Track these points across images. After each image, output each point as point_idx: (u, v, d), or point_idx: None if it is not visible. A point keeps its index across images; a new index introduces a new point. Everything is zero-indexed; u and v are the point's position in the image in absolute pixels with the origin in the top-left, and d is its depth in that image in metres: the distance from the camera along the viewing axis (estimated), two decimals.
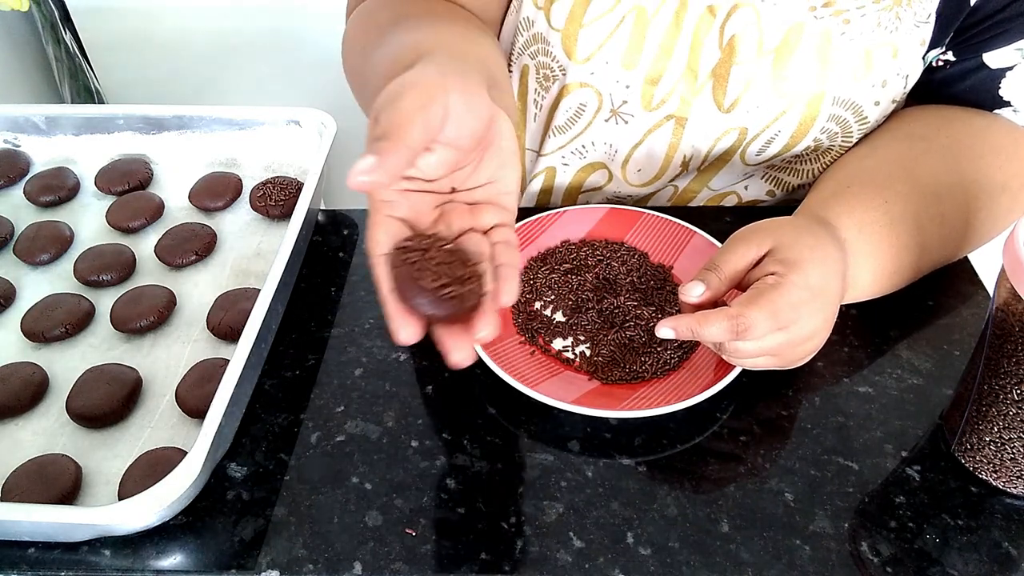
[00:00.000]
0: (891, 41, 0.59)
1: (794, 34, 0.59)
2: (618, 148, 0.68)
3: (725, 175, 0.69)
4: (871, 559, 0.46)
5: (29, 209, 0.70)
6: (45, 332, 0.58)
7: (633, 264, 0.63)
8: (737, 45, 0.60)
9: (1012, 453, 0.47)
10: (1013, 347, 0.44)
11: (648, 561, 0.46)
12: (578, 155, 0.71)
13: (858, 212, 0.54)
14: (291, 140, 0.73)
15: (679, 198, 0.73)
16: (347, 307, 0.62)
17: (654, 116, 0.65)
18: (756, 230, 0.51)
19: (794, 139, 0.63)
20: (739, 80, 0.61)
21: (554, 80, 0.67)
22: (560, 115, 0.68)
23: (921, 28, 0.58)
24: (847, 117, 0.62)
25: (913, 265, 0.57)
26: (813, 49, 0.59)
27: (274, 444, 0.52)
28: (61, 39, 1.32)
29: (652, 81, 0.63)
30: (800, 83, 0.60)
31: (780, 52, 0.59)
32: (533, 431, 0.53)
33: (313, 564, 0.46)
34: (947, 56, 0.61)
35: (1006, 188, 0.59)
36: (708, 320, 0.47)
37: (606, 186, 0.73)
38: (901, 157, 0.58)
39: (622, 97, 0.64)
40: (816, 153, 0.66)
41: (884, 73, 0.60)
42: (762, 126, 0.63)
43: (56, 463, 0.49)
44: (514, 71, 0.70)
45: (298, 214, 0.61)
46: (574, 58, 0.64)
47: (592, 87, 0.65)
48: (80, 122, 0.74)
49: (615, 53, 0.62)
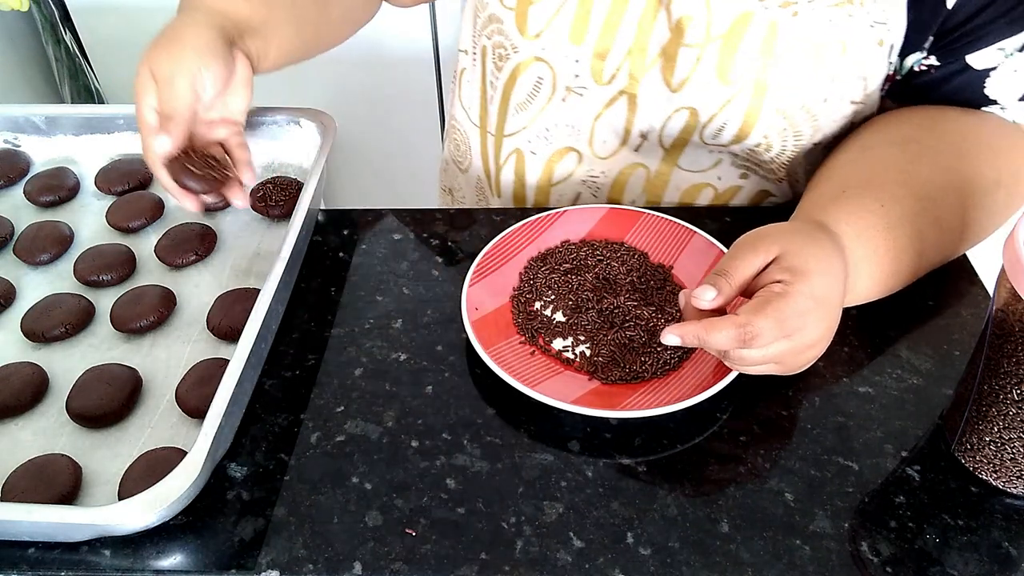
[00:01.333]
0: (840, 38, 0.59)
1: (741, 23, 0.60)
2: (580, 127, 0.70)
3: (690, 154, 0.70)
4: (871, 559, 0.46)
5: (29, 209, 0.70)
6: (45, 332, 0.58)
7: (633, 264, 0.63)
8: (685, 27, 0.62)
9: (1012, 453, 0.47)
10: (1013, 347, 0.44)
11: (648, 561, 0.46)
12: (543, 140, 0.72)
13: (856, 217, 0.54)
14: (291, 140, 0.73)
15: (652, 183, 0.73)
16: (347, 307, 0.62)
17: (608, 90, 0.67)
18: (762, 236, 0.51)
19: (744, 129, 0.64)
20: (687, 61, 0.63)
21: (507, 59, 0.69)
22: (519, 91, 0.71)
23: (877, 28, 0.59)
24: (794, 111, 0.63)
25: (910, 268, 0.57)
26: (759, 39, 0.60)
27: (274, 444, 0.52)
28: (61, 39, 1.32)
29: (600, 56, 0.65)
30: (746, 71, 0.62)
31: (727, 39, 0.61)
32: (533, 431, 0.53)
33: (313, 564, 0.46)
34: (930, 60, 0.61)
35: (1000, 184, 0.59)
36: (715, 327, 0.47)
37: (577, 169, 0.74)
38: (894, 159, 0.58)
39: (573, 71, 0.67)
40: (771, 154, 0.67)
41: (832, 69, 0.61)
42: (711, 110, 0.64)
43: (56, 463, 0.49)
44: (477, 53, 0.73)
45: (298, 214, 0.61)
46: (526, 34, 0.67)
47: (545, 61, 0.67)
48: (80, 122, 0.74)
49: (563, 28, 0.65)
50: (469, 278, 0.59)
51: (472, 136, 0.79)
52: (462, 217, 0.70)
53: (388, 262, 0.66)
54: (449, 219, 0.70)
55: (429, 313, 0.61)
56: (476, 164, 0.80)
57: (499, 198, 0.80)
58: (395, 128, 1.54)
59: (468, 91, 0.77)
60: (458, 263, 0.65)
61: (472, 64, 0.75)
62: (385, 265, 0.65)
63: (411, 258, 0.66)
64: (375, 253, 0.67)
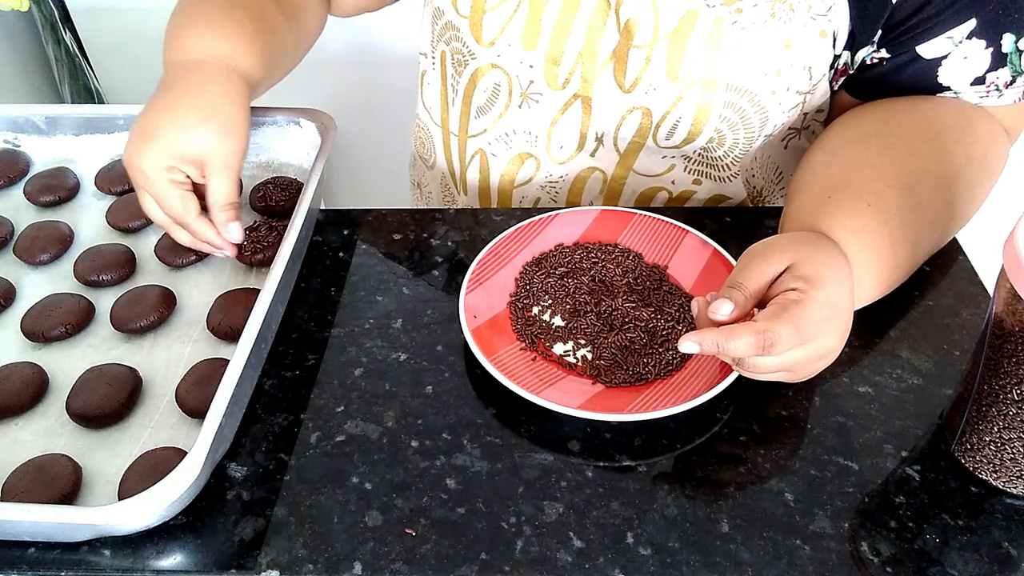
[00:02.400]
0: (784, 32, 0.61)
1: (687, 22, 0.62)
2: (537, 133, 0.72)
3: (645, 159, 0.71)
4: (871, 559, 0.46)
5: (29, 209, 0.70)
6: (45, 332, 0.58)
7: (628, 265, 0.63)
8: (634, 29, 0.63)
9: (1012, 453, 0.47)
10: (1013, 347, 0.44)
11: (648, 561, 0.46)
12: (503, 143, 0.74)
13: (847, 220, 0.54)
14: (291, 140, 0.73)
15: (610, 187, 0.75)
16: (347, 307, 0.62)
17: (562, 95, 0.68)
18: (773, 246, 0.51)
19: (696, 126, 0.65)
20: (637, 62, 0.64)
21: (465, 64, 0.70)
22: (479, 95, 0.72)
23: (819, 21, 0.60)
24: (743, 105, 0.64)
25: (908, 260, 0.57)
26: (705, 36, 0.62)
27: (274, 444, 0.52)
28: (61, 39, 1.32)
29: (553, 61, 0.66)
30: (694, 68, 0.63)
31: (674, 38, 0.62)
32: (533, 431, 0.53)
33: (313, 564, 0.46)
34: (881, 53, 0.62)
35: (970, 159, 0.60)
36: (734, 335, 0.47)
37: (536, 175, 0.75)
38: (864, 156, 0.59)
39: (528, 77, 0.68)
40: (724, 149, 0.68)
41: (777, 63, 0.62)
42: (664, 109, 0.65)
43: (56, 463, 0.49)
44: (436, 58, 0.75)
45: (298, 214, 0.61)
46: (481, 42, 0.68)
47: (501, 68, 0.68)
48: (80, 122, 0.74)
49: (515, 35, 0.66)
50: (465, 285, 0.59)
51: (435, 135, 0.81)
52: (462, 217, 0.70)
53: (388, 262, 0.66)
54: (449, 219, 0.70)
55: (429, 313, 0.61)
56: (440, 162, 0.82)
57: (465, 195, 0.81)
58: (395, 128, 1.54)
59: (429, 92, 0.79)
60: (458, 263, 0.65)
61: (432, 67, 0.77)
62: (385, 265, 0.65)
63: (411, 258, 0.66)
64: (375, 253, 0.67)
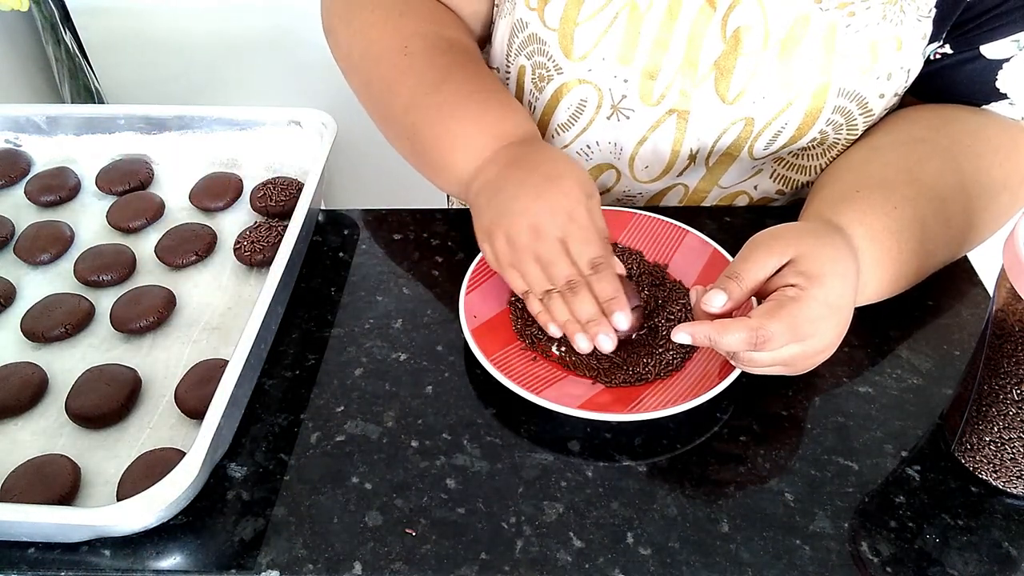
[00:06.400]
0: (896, 34, 0.59)
1: (800, 26, 0.59)
2: (623, 146, 0.69)
3: (734, 171, 0.70)
4: (871, 559, 0.46)
5: (29, 209, 0.70)
6: (45, 332, 0.58)
7: (629, 265, 0.63)
8: (742, 37, 0.60)
9: (1012, 453, 0.47)
10: (1013, 347, 0.44)
11: (648, 561, 0.46)
12: (584, 156, 0.71)
13: (869, 219, 0.54)
14: (291, 140, 0.73)
15: (690, 199, 0.73)
16: (347, 307, 0.62)
17: (656, 111, 0.65)
18: (777, 237, 0.51)
19: (800, 131, 0.64)
20: (744, 71, 0.61)
21: (549, 80, 0.67)
22: (562, 112, 0.68)
23: (923, 22, 0.59)
24: (852, 109, 0.62)
25: (918, 270, 0.57)
26: (819, 41, 0.59)
27: (274, 444, 0.52)
28: (61, 39, 1.32)
29: (650, 75, 0.63)
30: (806, 74, 0.61)
31: (785, 44, 0.60)
32: (533, 431, 0.53)
33: (313, 564, 0.46)
34: (944, 49, 0.61)
35: (1006, 186, 0.59)
36: (727, 329, 0.47)
37: (615, 187, 0.73)
38: (904, 160, 0.58)
39: (621, 92, 0.65)
40: (822, 148, 0.66)
41: (889, 66, 0.60)
42: (769, 117, 0.63)
43: (55, 463, 0.49)
44: (511, 72, 0.71)
45: (298, 214, 0.61)
46: (571, 56, 0.64)
47: (591, 83, 0.65)
48: (81, 122, 0.74)
49: (611, 49, 0.63)
50: (465, 285, 0.59)
51: None
52: (462, 217, 0.70)
53: (388, 262, 0.66)
54: (449, 219, 0.70)
55: (429, 313, 0.61)
56: None
57: None
58: None
59: None
60: (458, 263, 0.65)
61: (504, 83, 0.73)
62: (385, 265, 0.65)
63: (411, 258, 0.66)
64: (375, 253, 0.67)
